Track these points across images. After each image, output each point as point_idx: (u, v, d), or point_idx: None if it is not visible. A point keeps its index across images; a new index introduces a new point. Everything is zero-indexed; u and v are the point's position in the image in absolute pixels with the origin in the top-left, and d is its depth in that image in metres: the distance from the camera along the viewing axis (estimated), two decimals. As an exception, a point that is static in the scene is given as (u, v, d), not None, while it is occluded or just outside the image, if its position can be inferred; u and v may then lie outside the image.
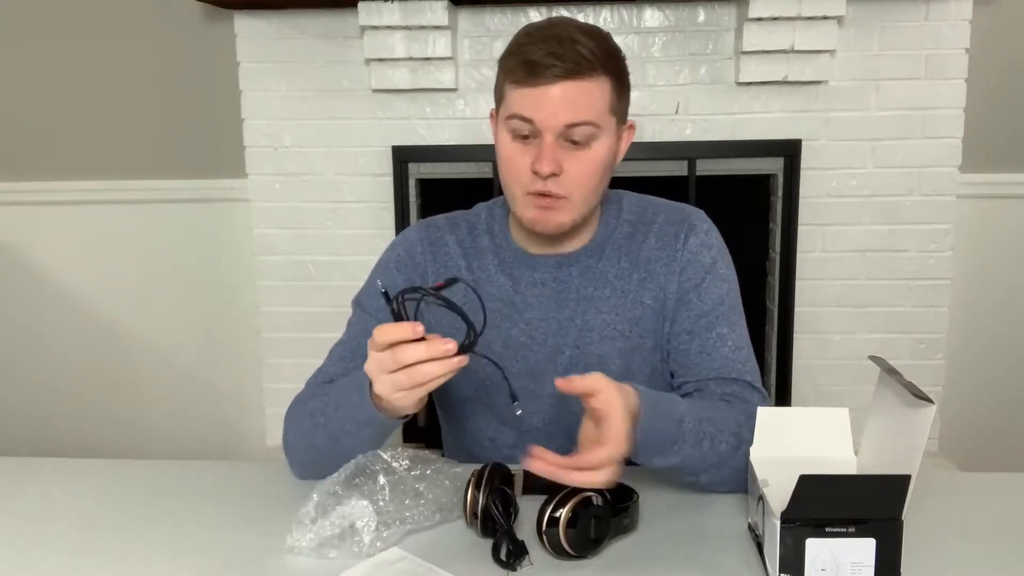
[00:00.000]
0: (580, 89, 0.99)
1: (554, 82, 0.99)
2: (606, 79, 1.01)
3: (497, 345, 1.15)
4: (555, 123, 1.00)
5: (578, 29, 1.01)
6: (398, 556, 0.89)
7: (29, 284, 2.56)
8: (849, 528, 0.80)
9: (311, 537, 0.89)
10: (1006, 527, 0.96)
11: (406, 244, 1.20)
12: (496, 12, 2.28)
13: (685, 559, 0.90)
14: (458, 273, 1.17)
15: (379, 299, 1.15)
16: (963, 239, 2.36)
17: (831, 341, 2.39)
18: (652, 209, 1.18)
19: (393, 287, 1.15)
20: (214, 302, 2.55)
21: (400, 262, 1.19)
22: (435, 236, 1.20)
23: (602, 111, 1.02)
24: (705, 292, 1.12)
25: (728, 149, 2.30)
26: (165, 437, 2.61)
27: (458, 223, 1.21)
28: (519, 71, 1.00)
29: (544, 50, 0.98)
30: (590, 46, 0.99)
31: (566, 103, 0.99)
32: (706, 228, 1.16)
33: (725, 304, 1.12)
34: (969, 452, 2.45)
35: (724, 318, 1.11)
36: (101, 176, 2.50)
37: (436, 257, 1.18)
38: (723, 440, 0.99)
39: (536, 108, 1.00)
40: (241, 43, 2.32)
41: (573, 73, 0.98)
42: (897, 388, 0.87)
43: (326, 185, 2.38)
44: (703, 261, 1.13)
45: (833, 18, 2.17)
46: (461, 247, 1.19)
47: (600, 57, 1.00)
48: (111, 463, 1.17)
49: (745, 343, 1.13)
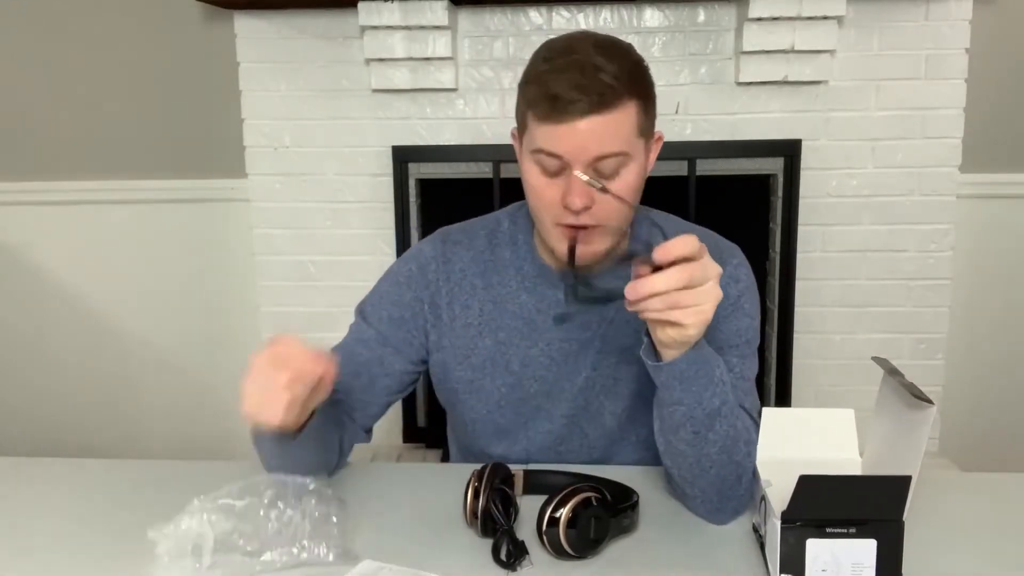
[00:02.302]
0: (607, 121, 0.95)
1: (580, 117, 0.95)
2: (632, 103, 0.97)
3: (515, 364, 1.13)
4: (584, 157, 0.96)
5: (598, 49, 0.97)
6: (375, 567, 0.88)
7: (29, 284, 2.56)
8: (850, 529, 0.80)
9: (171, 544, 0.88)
10: (1006, 527, 0.96)
11: (420, 260, 1.17)
12: (496, 12, 2.28)
13: (685, 560, 0.90)
14: (474, 292, 1.13)
15: (382, 311, 1.15)
16: (963, 239, 2.36)
17: (831, 341, 2.39)
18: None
19: (400, 302, 1.15)
20: (214, 302, 2.55)
21: (411, 277, 1.16)
22: (451, 253, 1.16)
23: (630, 137, 0.98)
24: (724, 322, 1.07)
25: (728, 149, 2.30)
26: (165, 437, 2.61)
27: (477, 233, 1.18)
28: (542, 105, 0.97)
29: (567, 82, 0.94)
30: (613, 71, 0.95)
31: (594, 137, 0.96)
32: (736, 263, 1.12)
33: (742, 338, 1.09)
34: (969, 452, 2.45)
35: (737, 350, 1.08)
36: (101, 176, 2.50)
37: (450, 276, 1.15)
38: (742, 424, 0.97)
39: (563, 144, 0.96)
40: (241, 43, 2.32)
41: (598, 106, 0.94)
42: (899, 389, 0.87)
43: (326, 185, 2.38)
44: (729, 294, 1.08)
45: (833, 18, 2.17)
46: (478, 263, 1.15)
47: (625, 82, 0.96)
48: (111, 463, 1.17)
49: (751, 378, 1.09)
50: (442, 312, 1.14)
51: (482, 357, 1.13)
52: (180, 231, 2.51)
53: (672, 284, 0.82)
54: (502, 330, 1.13)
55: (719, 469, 0.95)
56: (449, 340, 1.14)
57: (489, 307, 1.13)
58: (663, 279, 0.82)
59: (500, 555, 0.89)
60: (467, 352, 1.14)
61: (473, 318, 1.14)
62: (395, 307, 1.15)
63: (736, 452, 0.96)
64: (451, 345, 1.14)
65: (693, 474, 0.96)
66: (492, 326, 1.13)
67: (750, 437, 0.98)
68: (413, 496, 1.05)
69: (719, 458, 0.95)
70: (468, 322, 1.14)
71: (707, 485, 0.96)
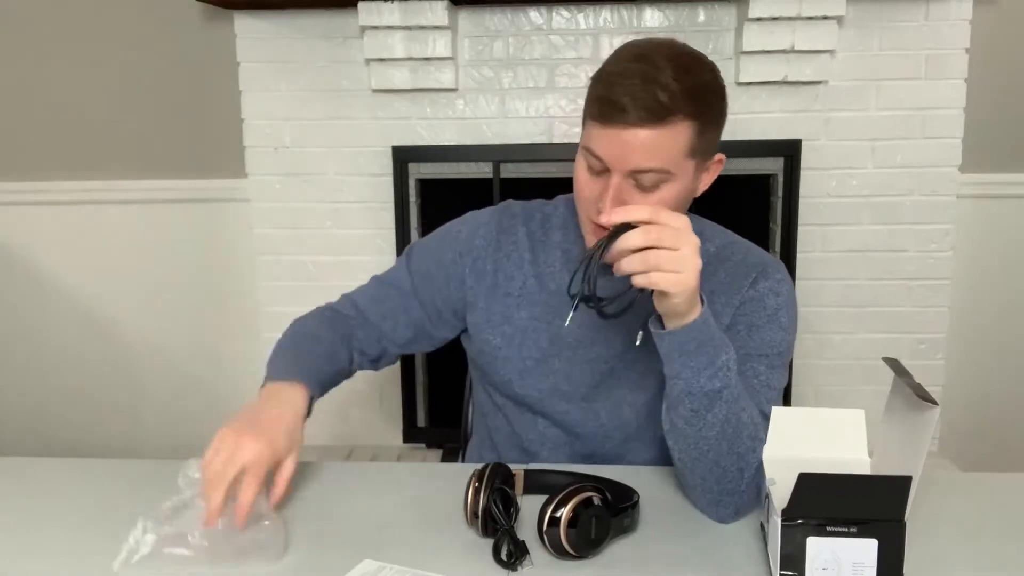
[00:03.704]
0: (653, 137, 0.96)
1: (627, 127, 0.96)
2: (686, 123, 0.97)
3: (544, 341, 1.15)
4: (623, 166, 0.98)
5: (670, 63, 0.97)
6: (375, 567, 0.88)
7: (29, 284, 2.56)
8: (851, 528, 0.80)
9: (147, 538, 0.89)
10: (1006, 527, 0.96)
11: (473, 225, 1.21)
12: (496, 12, 2.28)
13: (686, 560, 0.90)
14: (519, 265, 1.17)
15: (425, 264, 1.20)
16: (963, 239, 2.36)
17: (831, 341, 2.39)
18: (732, 247, 1.16)
19: (440, 260, 1.20)
20: (214, 302, 2.55)
21: (457, 238, 1.20)
22: (507, 224, 1.20)
23: (675, 157, 0.99)
24: (758, 331, 1.08)
25: (728, 149, 2.29)
26: (165, 437, 2.61)
27: (533, 214, 1.21)
28: (597, 106, 0.99)
29: (624, 90, 0.96)
30: (673, 88, 0.95)
31: (636, 149, 0.97)
32: (779, 278, 1.12)
33: (774, 349, 1.08)
34: (969, 452, 2.45)
35: (766, 359, 1.07)
36: (101, 176, 2.50)
37: (501, 246, 1.18)
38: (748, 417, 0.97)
39: (606, 148, 0.98)
40: (241, 43, 2.32)
41: (646, 121, 0.95)
42: (904, 390, 0.87)
43: (326, 185, 2.38)
44: (767, 305, 1.09)
45: (833, 18, 2.17)
46: (531, 239, 1.18)
47: (682, 100, 0.96)
48: (111, 463, 1.17)
49: (777, 387, 1.08)
50: (487, 276, 1.18)
51: (515, 327, 1.17)
52: (180, 231, 2.51)
53: (640, 241, 0.87)
54: (538, 305, 1.16)
55: (717, 455, 0.96)
56: (486, 303, 1.18)
57: (532, 282, 1.17)
58: (634, 234, 0.88)
59: (500, 555, 0.89)
60: (502, 320, 1.17)
61: (515, 289, 1.17)
62: (435, 264, 1.20)
63: (738, 443, 0.96)
64: (487, 309, 1.18)
65: (692, 456, 0.97)
66: (531, 300, 1.17)
67: (757, 433, 0.97)
68: (413, 496, 1.05)
69: (717, 444, 0.95)
70: (509, 291, 1.17)
71: (706, 472, 0.97)
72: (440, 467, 1.21)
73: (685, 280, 0.88)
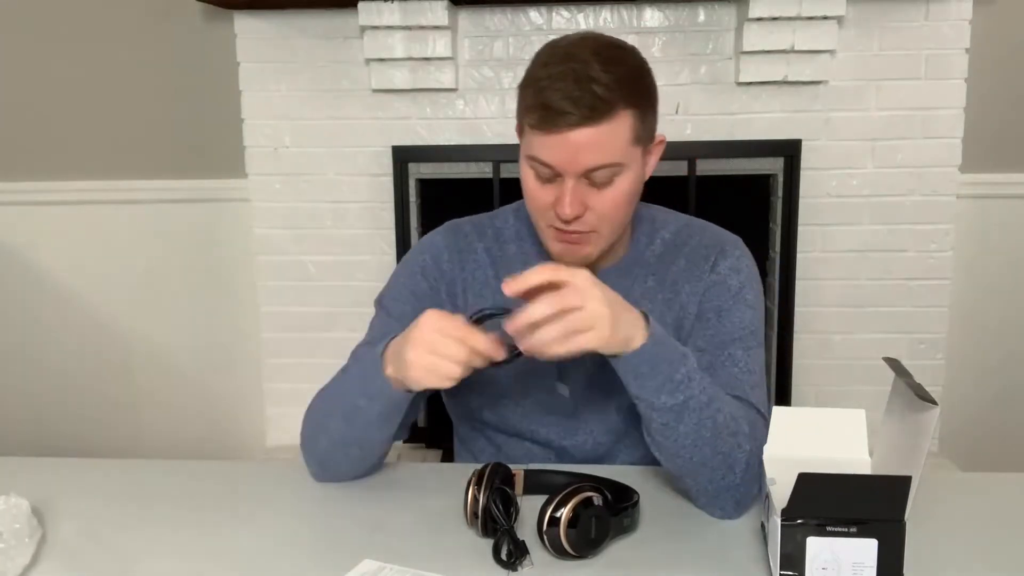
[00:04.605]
0: (599, 133, 0.96)
1: (571, 129, 0.95)
2: (627, 113, 0.97)
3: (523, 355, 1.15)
4: (576, 169, 0.98)
5: (597, 57, 0.96)
6: (375, 567, 0.88)
7: (29, 284, 2.56)
8: (851, 528, 0.80)
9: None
10: (1006, 527, 0.96)
11: (433, 251, 1.18)
12: (496, 12, 2.28)
13: (686, 559, 0.90)
14: (486, 283, 1.15)
15: (404, 304, 1.15)
16: (963, 239, 2.36)
17: (831, 341, 2.39)
18: (687, 231, 1.16)
19: (418, 293, 1.16)
20: (214, 302, 2.55)
21: (426, 268, 1.17)
22: (463, 243, 1.17)
23: (623, 148, 0.99)
24: (727, 314, 1.09)
25: (728, 149, 2.30)
26: (164, 437, 2.61)
27: (485, 229, 1.19)
28: (536, 113, 0.97)
29: (561, 92, 0.95)
30: (607, 81, 0.95)
31: (585, 149, 0.96)
32: (738, 254, 1.13)
33: (746, 330, 1.09)
34: (969, 452, 2.45)
35: (741, 341, 1.08)
36: (101, 176, 2.50)
37: (464, 266, 1.16)
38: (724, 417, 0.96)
39: (555, 155, 0.98)
40: (241, 43, 2.32)
41: (590, 119, 0.95)
42: (905, 390, 0.87)
43: (326, 185, 2.38)
44: (730, 285, 1.10)
45: (833, 18, 2.17)
46: (489, 255, 1.16)
47: (620, 92, 0.96)
48: (111, 463, 1.17)
49: (758, 370, 1.09)
50: (457, 299, 1.16)
51: None
52: (180, 231, 2.51)
53: (545, 310, 0.86)
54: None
55: (701, 458, 0.96)
56: None
57: (500, 298, 1.14)
58: (536, 307, 0.86)
59: (500, 555, 0.89)
60: None
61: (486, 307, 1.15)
62: (412, 299, 1.16)
63: (720, 444, 0.95)
64: None
65: (676, 465, 0.98)
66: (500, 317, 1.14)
67: (739, 428, 0.97)
68: (413, 496, 1.05)
69: (698, 450, 0.95)
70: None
71: (695, 474, 0.97)
72: (440, 467, 1.22)
73: (603, 335, 0.88)
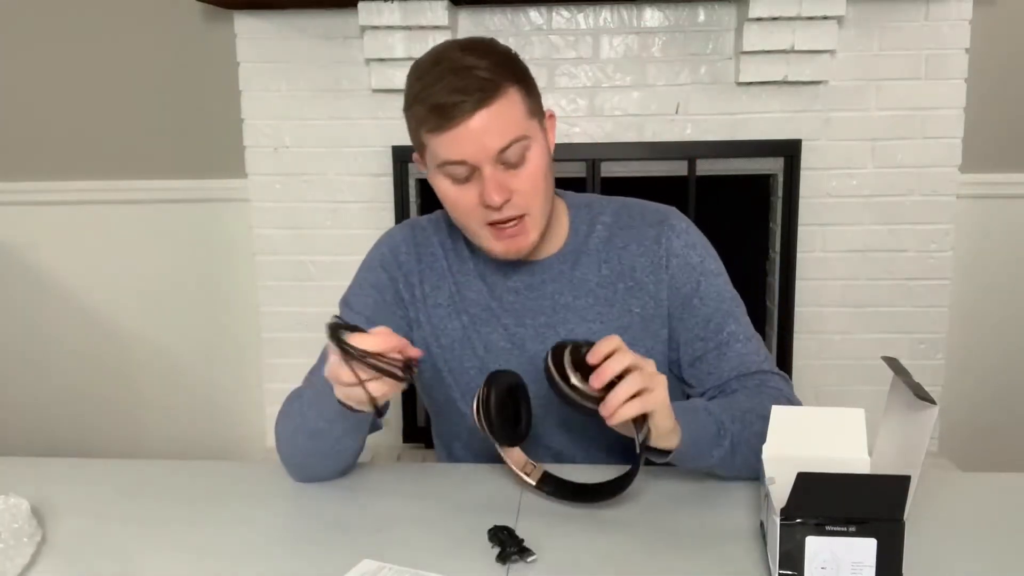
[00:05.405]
0: (495, 113, 0.99)
1: (469, 116, 0.98)
2: (513, 89, 1.01)
3: (480, 349, 1.15)
4: (488, 154, 1.00)
5: (466, 51, 1.01)
6: (375, 567, 0.88)
7: (29, 284, 2.56)
8: (850, 527, 0.80)
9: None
10: (1006, 527, 0.96)
11: (391, 244, 1.20)
12: (496, 12, 2.28)
13: (685, 559, 0.90)
14: (443, 275, 1.16)
15: (365, 297, 1.16)
16: (963, 239, 2.36)
17: (831, 341, 2.39)
18: (626, 212, 1.17)
19: (379, 285, 1.17)
20: (214, 302, 2.55)
21: (384, 260, 1.18)
22: (421, 237, 1.19)
23: (522, 121, 1.02)
24: (705, 294, 1.12)
25: (728, 149, 2.30)
26: (165, 437, 2.61)
27: (441, 224, 1.20)
28: (431, 119, 1.00)
29: (445, 88, 0.98)
30: (486, 65, 0.99)
31: (489, 131, 0.99)
32: (684, 227, 1.15)
33: (725, 300, 1.13)
34: (969, 452, 2.45)
35: (729, 314, 1.12)
36: (101, 176, 2.50)
37: (421, 259, 1.18)
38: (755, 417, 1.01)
39: (463, 148, 1.00)
40: (241, 43, 2.32)
41: (483, 100, 0.98)
42: (904, 389, 0.87)
43: (326, 185, 2.38)
44: (692, 263, 1.13)
45: (833, 18, 2.17)
46: (443, 248, 1.18)
47: (500, 71, 1.00)
48: (111, 463, 1.17)
49: (752, 332, 1.14)
50: (415, 290, 1.17)
51: (451, 338, 1.16)
52: (180, 231, 2.51)
53: (635, 387, 0.89)
54: (465, 314, 1.15)
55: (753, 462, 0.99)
56: (425, 317, 1.17)
57: (454, 290, 1.16)
58: (625, 387, 0.89)
59: (501, 555, 0.89)
60: (438, 332, 1.16)
61: (443, 299, 1.17)
62: (376, 290, 1.17)
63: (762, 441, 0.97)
64: (427, 322, 1.17)
65: (732, 475, 1.05)
66: (458, 308, 1.16)
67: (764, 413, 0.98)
68: (413, 496, 1.05)
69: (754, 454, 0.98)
70: (439, 302, 1.16)
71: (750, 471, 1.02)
72: (440, 467, 1.22)
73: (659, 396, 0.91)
